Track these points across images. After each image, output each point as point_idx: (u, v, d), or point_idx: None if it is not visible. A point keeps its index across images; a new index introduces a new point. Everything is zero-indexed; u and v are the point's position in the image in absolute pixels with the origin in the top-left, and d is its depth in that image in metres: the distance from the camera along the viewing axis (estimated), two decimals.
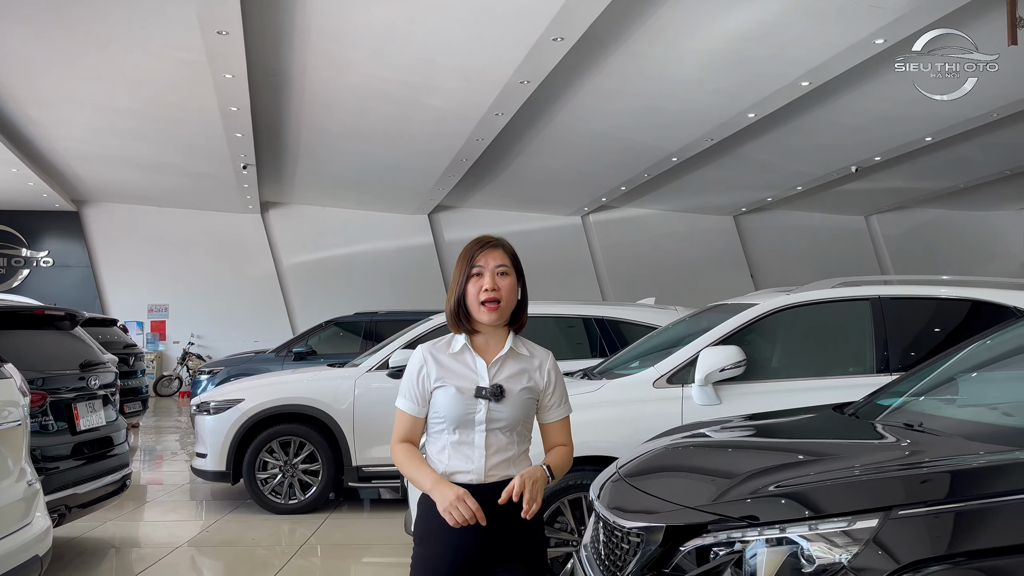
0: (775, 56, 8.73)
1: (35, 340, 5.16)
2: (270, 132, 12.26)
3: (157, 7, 7.74)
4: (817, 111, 10.96)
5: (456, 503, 2.10)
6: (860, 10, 7.29)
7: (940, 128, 11.61)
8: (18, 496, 3.27)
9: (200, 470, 6.80)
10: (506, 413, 2.22)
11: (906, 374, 3.52)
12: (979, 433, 2.56)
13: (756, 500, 2.30)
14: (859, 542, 2.03)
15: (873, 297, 4.69)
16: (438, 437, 2.26)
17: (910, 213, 19.91)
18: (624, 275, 19.39)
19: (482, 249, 2.26)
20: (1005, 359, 3.19)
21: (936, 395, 3.10)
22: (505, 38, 8.10)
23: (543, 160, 13.95)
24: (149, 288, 18.52)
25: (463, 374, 2.23)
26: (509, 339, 2.27)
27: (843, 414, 3.22)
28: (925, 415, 2.87)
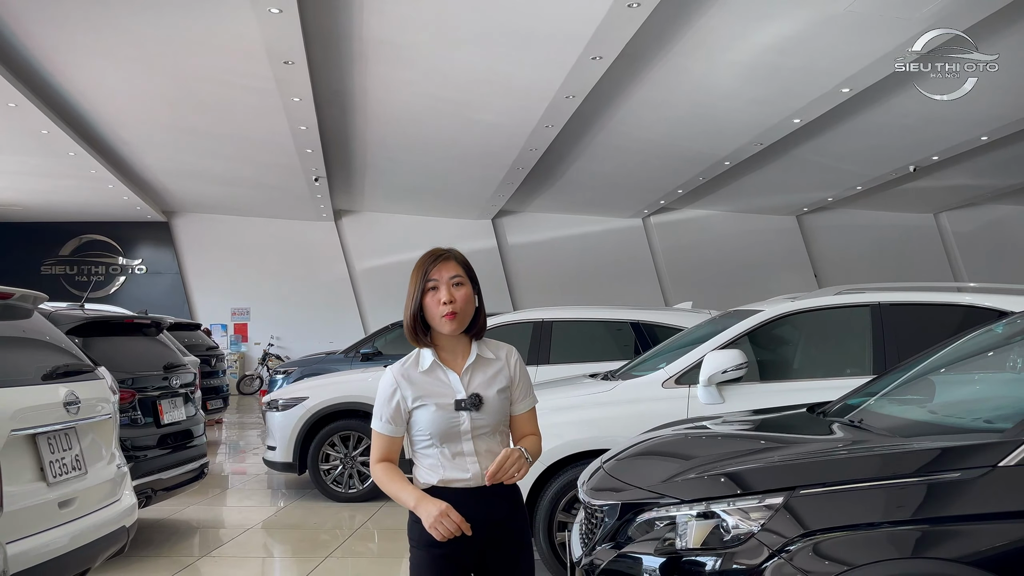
0: (810, 66, 8.97)
1: (125, 345, 5.93)
2: (338, 147, 13.07)
3: (229, 43, 8.53)
4: (865, 114, 11.06)
5: (440, 519, 2.16)
6: (887, 21, 7.49)
7: (995, 127, 11.52)
8: (109, 476, 3.95)
9: (270, 461, 7.49)
10: (487, 419, 2.29)
11: (878, 376, 3.88)
12: (901, 428, 2.94)
13: (693, 481, 2.76)
14: (767, 515, 2.47)
15: (873, 303, 5.00)
16: (427, 453, 2.30)
17: (981, 210, 19.44)
18: (686, 276, 19.55)
19: (435, 262, 2.29)
20: (961, 361, 3.51)
21: (892, 395, 3.45)
22: (547, 59, 8.60)
23: (597, 166, 14.37)
24: (232, 292, 19.66)
25: (439, 390, 2.27)
26: (474, 347, 2.33)
27: (812, 413, 3.61)
28: (871, 413, 3.24)
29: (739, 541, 2.49)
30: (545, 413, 4.67)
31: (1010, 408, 2.67)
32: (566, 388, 5.39)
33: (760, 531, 2.46)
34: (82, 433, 3.73)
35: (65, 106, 10.95)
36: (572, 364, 7.08)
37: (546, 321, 7.55)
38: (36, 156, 12.83)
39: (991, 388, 3.19)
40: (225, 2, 7.49)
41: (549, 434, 4.53)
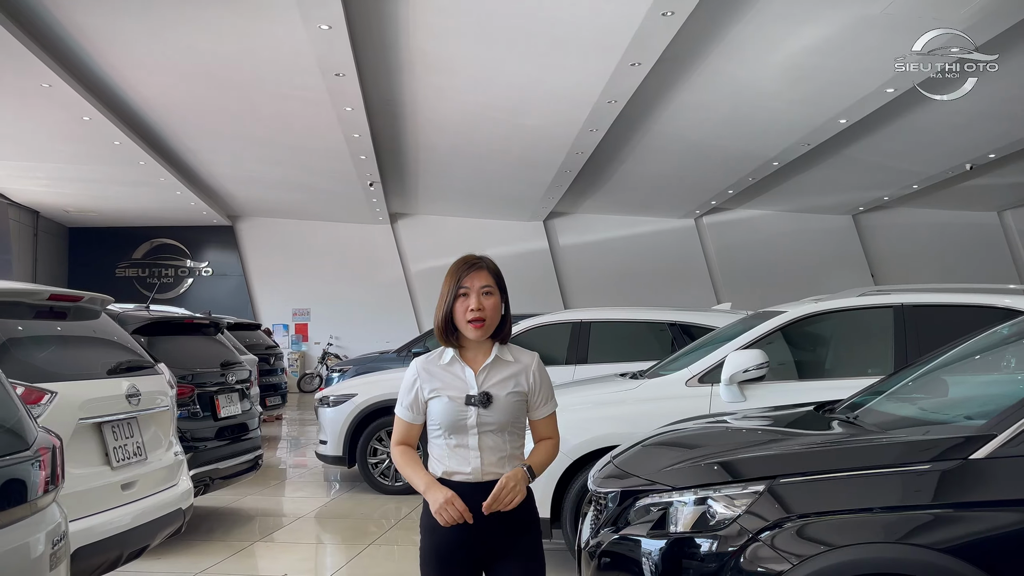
0: (852, 67, 8.98)
1: (186, 344, 6.38)
2: (391, 153, 13.50)
3: (284, 57, 9.01)
4: (914, 113, 10.96)
5: (445, 505, 2.29)
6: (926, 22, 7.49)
7: None
8: (168, 463, 4.35)
9: (322, 455, 7.88)
10: (495, 417, 2.39)
11: (887, 376, 4.00)
12: (889, 423, 3.10)
13: (687, 469, 2.97)
14: (750, 501, 2.68)
15: (896, 305, 5.09)
16: (436, 443, 2.43)
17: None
18: (739, 277, 19.45)
19: (468, 270, 2.43)
20: (963, 361, 3.62)
21: (895, 394, 3.58)
22: (586, 66, 8.83)
23: (645, 168, 14.49)
24: (293, 294, 20.36)
25: (454, 384, 2.40)
26: (494, 349, 2.46)
27: (819, 410, 3.77)
28: (870, 411, 3.39)
29: (723, 525, 2.70)
30: (574, 409, 4.97)
31: (992, 405, 2.81)
32: (595, 386, 5.61)
33: (742, 515, 2.66)
34: (143, 423, 4.12)
35: (135, 118, 11.63)
36: (609, 363, 7.26)
37: (585, 322, 7.75)
38: (109, 165, 13.61)
39: (981, 387, 3.30)
40: (279, 20, 7.92)
41: (578, 429, 4.86)
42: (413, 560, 5.59)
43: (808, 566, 2.49)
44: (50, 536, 1.95)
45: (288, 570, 5.24)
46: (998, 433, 2.58)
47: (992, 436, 2.58)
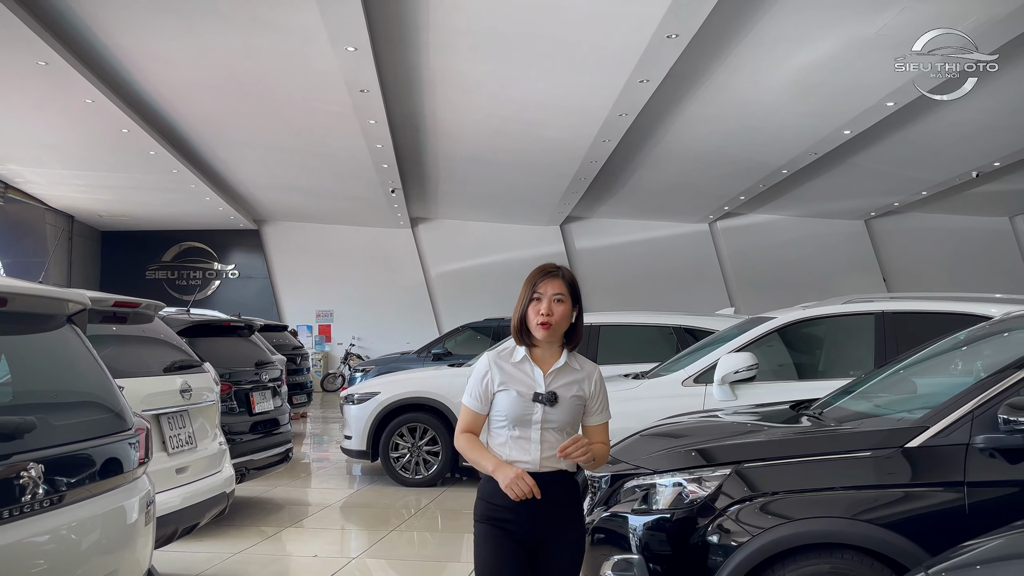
0: (853, 82, 9.38)
1: (223, 344, 6.92)
2: (412, 161, 14.04)
3: (312, 74, 9.56)
4: (917, 123, 11.32)
5: (517, 480, 2.47)
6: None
7: None
8: (214, 451, 4.87)
9: (347, 450, 8.38)
10: (558, 416, 2.58)
11: (861, 376, 4.44)
12: (846, 418, 3.55)
13: (667, 455, 3.43)
14: (716, 484, 3.14)
15: (877, 312, 5.53)
16: (499, 432, 2.60)
17: None
18: (753, 281, 19.76)
19: (544, 278, 2.63)
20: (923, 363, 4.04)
21: (861, 393, 4.02)
22: (598, 82, 9.30)
23: (657, 176, 14.92)
24: (317, 296, 20.94)
25: (523, 381, 2.59)
26: (564, 355, 2.65)
27: (794, 408, 4.21)
28: (835, 408, 3.83)
29: (696, 503, 3.17)
30: None
31: (932, 402, 3.24)
32: None
33: (712, 494, 3.13)
34: (193, 415, 4.65)
35: (170, 130, 12.25)
36: (617, 365, 7.70)
37: (594, 325, 8.18)
38: (144, 173, 14.26)
39: (929, 386, 3.73)
40: (308, 42, 8.47)
41: None
42: (432, 545, 6.10)
43: (766, 536, 2.96)
44: (143, 501, 2.45)
45: (317, 552, 5.74)
46: (930, 426, 3.02)
47: (925, 428, 3.03)
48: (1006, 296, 5.58)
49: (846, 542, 2.90)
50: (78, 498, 2.05)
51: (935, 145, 12.55)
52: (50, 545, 1.95)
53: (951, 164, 13.75)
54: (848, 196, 17.02)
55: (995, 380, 3.06)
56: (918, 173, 14.53)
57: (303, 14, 7.69)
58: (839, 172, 14.43)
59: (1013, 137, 11.91)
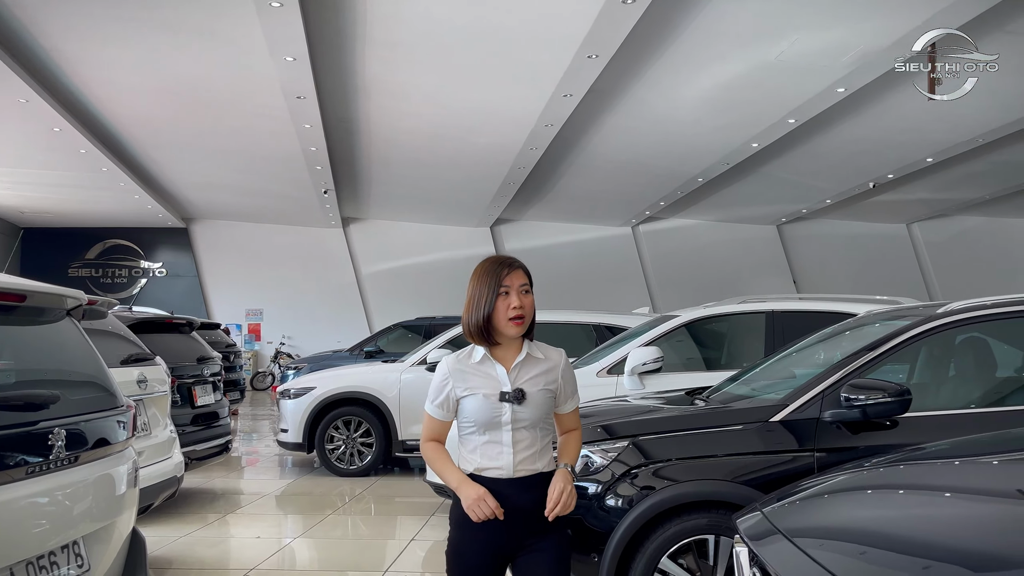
0: (759, 100, 10.22)
1: (166, 340, 7.22)
2: (345, 163, 14.38)
3: (249, 80, 9.87)
4: (818, 138, 12.29)
5: (478, 502, 2.33)
6: (813, 67, 8.75)
7: (939, 150, 12.73)
8: (165, 439, 5.25)
9: (283, 442, 8.73)
10: (528, 413, 2.44)
11: (750, 366, 5.11)
12: (728, 400, 4.19)
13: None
14: (615, 454, 3.73)
15: (767, 311, 6.26)
16: (470, 439, 2.47)
17: (951, 221, 20.57)
18: (673, 281, 20.67)
19: (509, 271, 2.47)
20: (796, 354, 4.73)
21: (744, 380, 4.68)
22: (525, 94, 9.90)
23: (582, 182, 15.65)
24: (246, 294, 20.97)
25: (487, 382, 2.44)
26: (525, 346, 2.50)
27: (688, 394, 4.85)
28: (721, 392, 4.48)
29: (599, 470, 3.75)
30: None
31: (794, 385, 3.90)
32: None
33: (612, 463, 3.72)
34: (147, 404, 5.02)
35: (102, 129, 12.31)
36: None
37: None
38: (72, 171, 14.21)
39: (796, 372, 4.41)
40: (247, 51, 8.80)
41: None
42: (367, 527, 6.55)
43: (656, 496, 3.56)
44: (131, 468, 2.88)
45: (260, 534, 6.15)
46: (789, 404, 3.68)
47: (786, 405, 3.68)
48: (871, 297, 6.39)
49: (720, 500, 3.53)
50: (87, 460, 2.49)
51: (835, 158, 13.59)
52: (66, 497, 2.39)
53: (850, 175, 14.87)
54: (760, 203, 18.09)
55: (841, 366, 3.74)
56: (822, 183, 15.64)
57: (243, 25, 8.03)
58: (750, 181, 15.40)
59: (904, 152, 13.02)
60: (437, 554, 5.55)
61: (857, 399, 3.52)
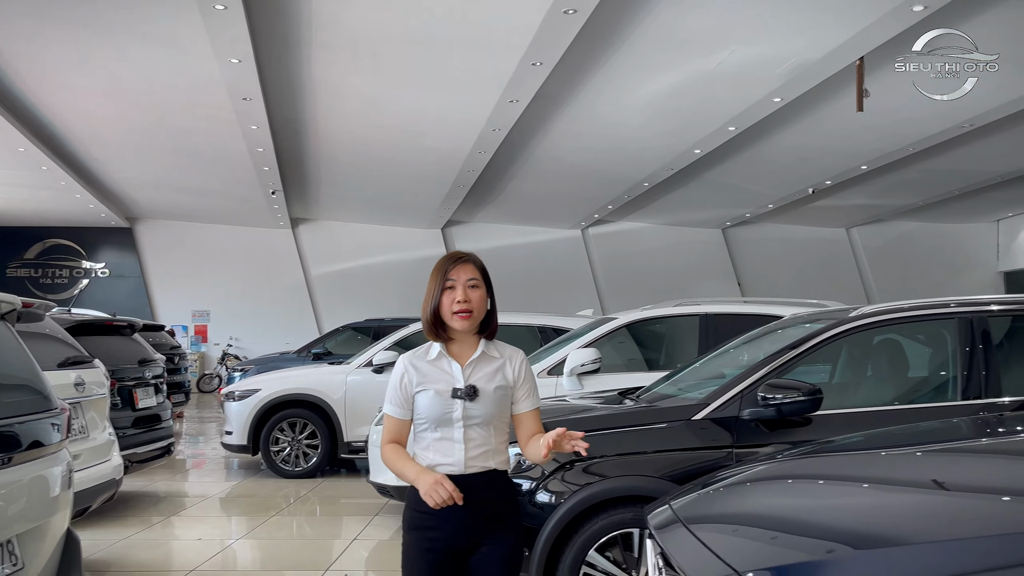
0: (700, 108, 10.52)
1: (107, 343, 7.16)
2: (293, 165, 14.33)
3: (194, 82, 9.81)
4: (757, 145, 12.67)
5: (435, 486, 2.30)
6: (749, 78, 9.06)
7: (872, 158, 13.22)
8: (105, 441, 5.24)
9: (228, 444, 8.71)
10: (480, 410, 2.43)
11: (680, 367, 5.32)
12: (655, 399, 4.38)
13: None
14: None
15: (701, 313, 6.49)
16: (423, 436, 2.48)
17: (888, 226, 21.28)
18: (621, 284, 20.99)
19: (455, 264, 2.48)
20: (723, 355, 4.94)
21: (674, 381, 4.88)
22: (471, 100, 10.03)
23: (532, 185, 15.84)
24: (193, 295, 20.70)
25: (440, 378, 2.45)
26: (481, 344, 2.50)
27: (621, 394, 5.02)
28: (650, 392, 4.66)
29: (530, 468, 3.89)
30: None
31: (716, 385, 4.10)
32: None
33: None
34: (85, 407, 5.01)
35: (43, 128, 12.08)
36: None
37: None
38: (11, 169, 13.89)
39: (721, 373, 4.61)
40: (192, 53, 8.76)
41: None
42: (312, 527, 6.60)
43: (585, 491, 3.71)
44: (65, 469, 2.94)
45: (201, 536, 6.16)
46: (710, 403, 3.88)
47: (707, 404, 3.88)
48: (798, 300, 6.67)
49: (645, 494, 3.68)
50: (21, 461, 2.55)
51: (775, 164, 14.00)
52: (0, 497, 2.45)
53: (790, 181, 15.32)
54: (705, 207, 18.50)
55: (758, 367, 3.94)
56: (763, 188, 16.08)
57: (188, 27, 8.01)
58: (695, 186, 15.76)
59: (839, 160, 13.48)
60: (380, 552, 5.65)
61: (773, 398, 3.73)
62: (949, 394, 4.01)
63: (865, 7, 7.33)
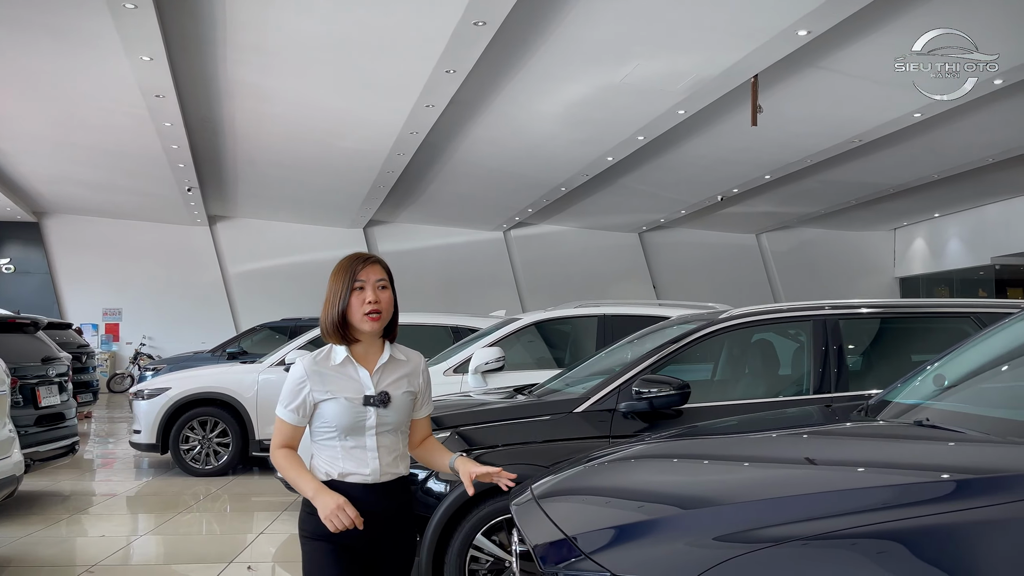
0: (610, 118, 10.96)
1: (8, 340, 7.09)
2: (210, 163, 14.19)
3: (106, 79, 9.70)
4: (667, 154, 13.21)
5: (336, 512, 2.22)
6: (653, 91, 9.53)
7: (774, 168, 13.93)
8: (4, 438, 5.25)
9: (136, 443, 8.66)
10: (393, 417, 2.38)
11: (576, 363, 5.64)
12: (544, 394, 4.69)
13: None
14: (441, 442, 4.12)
15: (600, 314, 6.85)
16: (328, 444, 2.36)
17: (794, 232, 22.30)
18: (542, 286, 21.34)
19: (363, 265, 2.39)
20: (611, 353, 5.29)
21: (563, 378, 5.19)
22: (388, 104, 10.22)
23: (452, 187, 16.07)
24: (104, 293, 20.12)
25: (349, 385, 2.35)
26: (387, 348, 2.43)
27: (516, 391, 5.31)
28: (543, 388, 4.97)
29: None
30: None
31: (598, 381, 4.43)
32: None
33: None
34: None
35: None
36: None
37: None
38: None
39: (605, 369, 4.96)
40: (102, 49, 8.68)
41: None
42: (220, 523, 6.68)
43: None
44: None
45: (106, 533, 6.18)
46: (591, 397, 4.20)
47: (588, 398, 4.20)
48: (686, 303, 7.13)
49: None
50: None
51: (685, 172, 14.60)
52: None
53: (701, 188, 15.98)
54: (621, 212, 19.07)
55: (635, 363, 4.29)
56: (676, 195, 16.70)
57: (96, 24, 7.95)
58: (611, 191, 16.27)
59: (744, 169, 14.15)
60: (287, 546, 5.80)
61: (646, 392, 4.07)
62: (804, 389, 4.43)
63: (755, 30, 7.84)
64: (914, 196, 17.04)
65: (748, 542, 1.78)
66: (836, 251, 22.49)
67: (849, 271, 22.22)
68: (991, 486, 1.80)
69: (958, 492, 1.80)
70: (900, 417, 2.73)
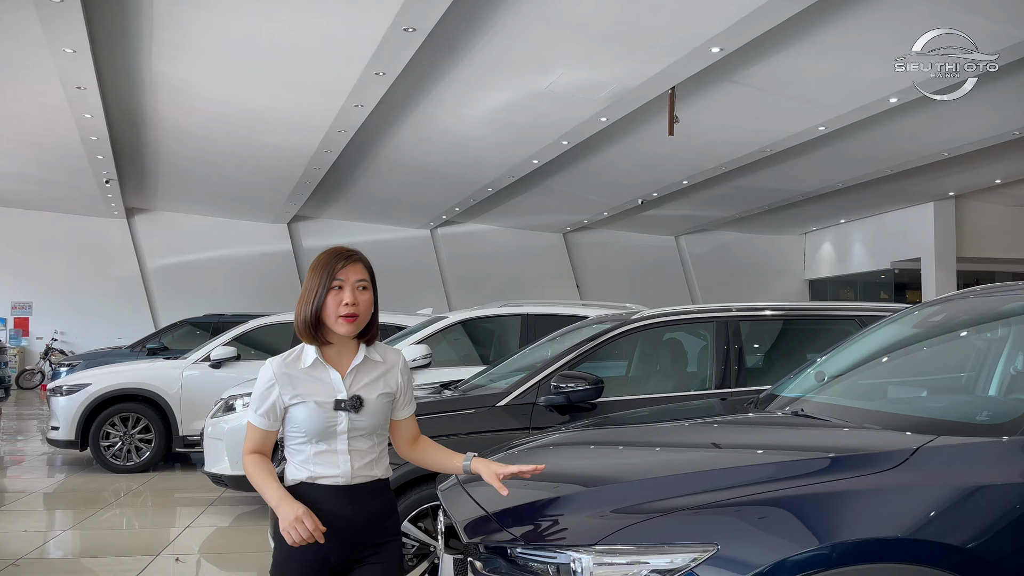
0: (535, 123, 11.31)
1: None
2: (130, 155, 13.92)
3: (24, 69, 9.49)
4: (590, 159, 13.65)
5: (295, 523, 2.12)
6: (577, 99, 9.92)
7: (691, 174, 14.55)
8: None
9: (54, 440, 8.51)
10: (366, 421, 2.26)
11: (500, 360, 5.92)
12: (470, 389, 4.95)
13: None
14: None
15: (523, 313, 7.15)
16: (300, 449, 2.26)
17: (711, 235, 23.16)
18: (468, 284, 21.57)
19: (344, 263, 2.26)
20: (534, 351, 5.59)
21: (488, 374, 5.47)
22: (316, 102, 10.30)
23: (379, 185, 16.17)
24: (12, 286, 19.40)
25: (320, 388, 2.24)
26: (362, 349, 2.30)
27: (443, 386, 5.56)
28: (468, 384, 5.23)
29: None
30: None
31: (521, 375, 4.72)
32: None
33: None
34: None
35: None
36: None
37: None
38: None
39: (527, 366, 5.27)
40: (22, 40, 8.51)
41: None
42: (143, 518, 6.70)
43: (399, 470, 4.17)
44: None
45: (27, 528, 6.15)
46: (513, 391, 4.49)
47: (509, 393, 4.49)
48: (603, 303, 7.51)
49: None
50: None
51: (607, 176, 15.08)
52: None
53: (622, 192, 16.51)
54: (546, 212, 19.49)
55: (554, 361, 4.60)
56: (598, 197, 17.20)
57: (18, 14, 7.82)
58: (536, 192, 16.65)
59: (663, 174, 14.72)
60: (213, 539, 5.90)
61: (563, 387, 4.38)
62: (708, 385, 4.82)
63: (671, 46, 8.28)
64: (822, 203, 17.99)
65: (641, 513, 2.11)
66: (751, 253, 23.42)
67: (763, 273, 23.20)
68: (843, 463, 2.25)
69: (819, 468, 2.23)
70: (783, 409, 3.12)
